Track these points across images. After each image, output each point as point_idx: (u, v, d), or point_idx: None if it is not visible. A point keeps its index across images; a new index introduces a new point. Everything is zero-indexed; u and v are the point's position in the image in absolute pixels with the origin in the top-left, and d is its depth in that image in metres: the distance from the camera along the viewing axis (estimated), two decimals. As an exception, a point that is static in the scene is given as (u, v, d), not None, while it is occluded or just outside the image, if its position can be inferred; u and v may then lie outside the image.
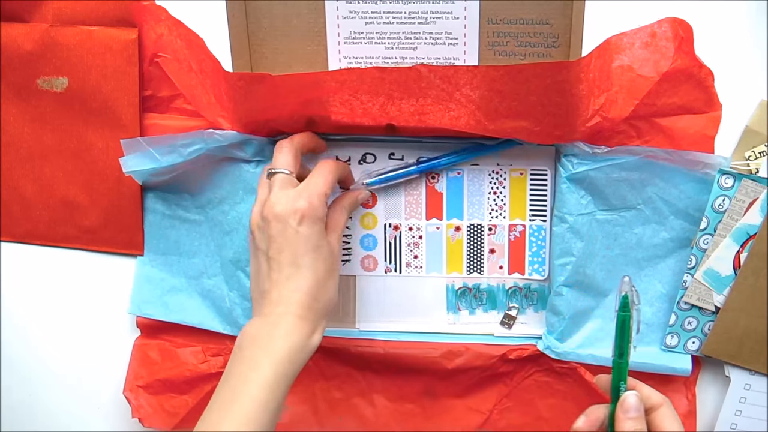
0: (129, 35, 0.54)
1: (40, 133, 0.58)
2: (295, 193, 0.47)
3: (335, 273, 0.49)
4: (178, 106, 0.56)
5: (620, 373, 0.46)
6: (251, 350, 0.45)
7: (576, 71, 0.47)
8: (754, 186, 0.51)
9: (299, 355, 0.46)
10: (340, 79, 0.49)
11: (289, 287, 0.46)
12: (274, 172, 0.49)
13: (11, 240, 0.62)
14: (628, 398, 0.45)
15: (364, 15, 0.52)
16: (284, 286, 0.46)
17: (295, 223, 0.46)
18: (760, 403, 0.56)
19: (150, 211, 0.59)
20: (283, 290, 0.46)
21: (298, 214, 0.46)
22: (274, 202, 0.47)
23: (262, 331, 0.46)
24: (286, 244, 0.46)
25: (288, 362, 0.45)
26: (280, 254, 0.46)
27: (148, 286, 0.61)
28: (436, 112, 0.50)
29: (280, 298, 0.46)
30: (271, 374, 0.44)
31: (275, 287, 0.47)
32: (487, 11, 0.51)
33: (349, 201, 0.53)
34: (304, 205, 0.46)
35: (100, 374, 0.64)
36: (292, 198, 0.47)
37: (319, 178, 0.48)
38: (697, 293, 0.54)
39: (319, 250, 0.47)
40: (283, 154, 0.50)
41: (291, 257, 0.46)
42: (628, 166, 0.52)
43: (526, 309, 0.59)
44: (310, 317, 0.47)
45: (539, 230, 0.57)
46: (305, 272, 0.46)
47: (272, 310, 0.46)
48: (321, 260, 0.47)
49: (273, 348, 0.45)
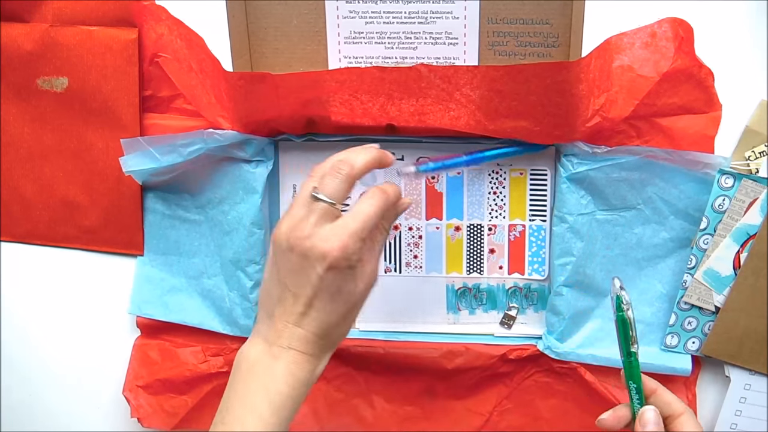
0: (129, 35, 0.54)
1: (40, 133, 0.58)
2: (330, 232, 0.42)
3: (354, 312, 0.45)
4: (178, 106, 0.56)
5: (630, 372, 0.45)
6: (249, 382, 0.43)
7: (576, 71, 0.47)
8: (754, 186, 0.51)
9: (301, 389, 0.43)
10: (340, 78, 0.49)
11: (297, 322, 0.43)
12: (317, 198, 0.43)
13: (11, 240, 0.62)
14: (646, 413, 0.45)
15: (364, 15, 0.52)
16: (293, 320, 0.43)
17: (321, 269, 0.42)
18: (760, 403, 0.56)
19: (150, 211, 0.59)
20: (289, 323, 0.43)
21: (327, 262, 0.42)
22: (305, 235, 0.42)
23: (261, 362, 0.43)
24: (306, 284, 0.42)
25: (288, 399, 0.43)
26: (297, 289, 0.43)
27: (148, 286, 0.61)
28: (436, 112, 0.50)
29: (284, 329, 0.43)
30: (268, 414, 0.42)
31: (283, 317, 0.44)
32: (487, 11, 0.51)
33: (382, 235, 0.47)
34: (334, 252, 0.41)
35: (100, 374, 0.64)
36: (326, 238, 0.42)
37: (360, 216, 0.43)
38: (697, 293, 0.54)
39: (339, 295, 0.43)
40: (337, 180, 0.44)
41: (306, 298, 0.43)
42: (628, 166, 0.52)
43: (526, 309, 0.59)
44: (315, 353, 0.44)
45: (539, 230, 0.57)
46: (318, 315, 0.43)
47: (275, 339, 0.43)
48: (339, 304, 0.43)
49: (272, 386, 0.43)
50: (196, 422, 0.62)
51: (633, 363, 0.45)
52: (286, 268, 0.43)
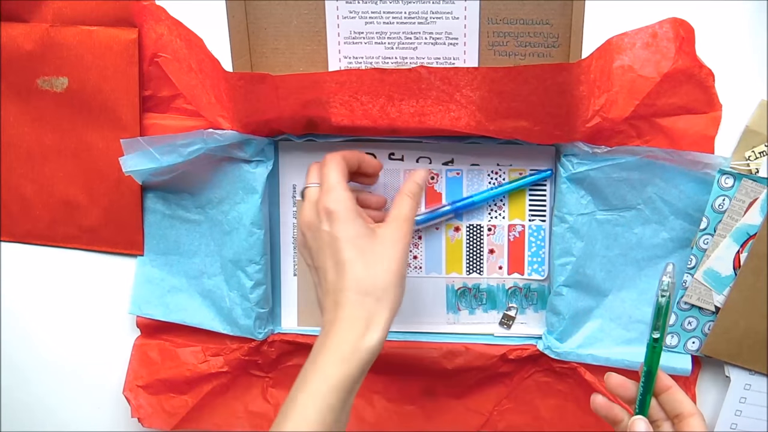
0: (129, 35, 0.54)
1: (40, 133, 0.58)
2: (314, 197, 0.47)
3: (390, 261, 0.45)
4: (178, 106, 0.56)
5: (654, 357, 0.46)
6: (305, 366, 0.44)
7: (576, 72, 0.47)
8: (754, 186, 0.51)
9: (351, 361, 0.43)
10: (340, 80, 0.49)
11: (336, 289, 0.44)
12: (303, 189, 0.49)
13: (11, 240, 0.62)
14: (637, 422, 0.46)
15: (364, 15, 0.52)
16: (332, 290, 0.45)
17: (325, 223, 0.45)
18: (760, 403, 0.56)
19: (150, 211, 0.59)
20: (331, 295, 0.45)
21: (323, 214, 0.45)
22: (304, 214, 0.47)
23: (316, 345, 0.45)
24: (324, 248, 0.45)
25: (337, 374, 0.42)
26: (323, 260, 0.46)
27: (148, 286, 0.61)
28: (436, 113, 0.50)
29: (329, 304, 0.45)
30: (318, 391, 0.42)
31: (327, 295, 0.45)
32: (487, 11, 0.51)
33: (410, 188, 0.49)
34: (326, 203, 0.45)
35: (100, 374, 0.64)
36: (313, 202, 0.47)
37: (327, 174, 0.47)
38: (697, 293, 0.54)
39: (359, 239, 0.45)
40: (310, 172, 0.50)
41: (332, 259, 0.45)
42: (628, 166, 0.52)
43: (525, 309, 0.59)
44: (358, 315, 0.44)
45: (538, 230, 0.57)
46: (347, 268, 0.44)
47: (327, 318, 0.45)
48: (362, 251, 0.44)
49: (321, 363, 0.43)
50: (196, 422, 0.62)
51: (649, 347, 0.46)
52: (308, 254, 0.48)
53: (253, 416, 0.62)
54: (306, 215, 0.47)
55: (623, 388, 0.48)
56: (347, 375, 0.42)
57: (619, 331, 0.56)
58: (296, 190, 0.58)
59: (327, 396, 0.42)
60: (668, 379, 0.47)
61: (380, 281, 0.44)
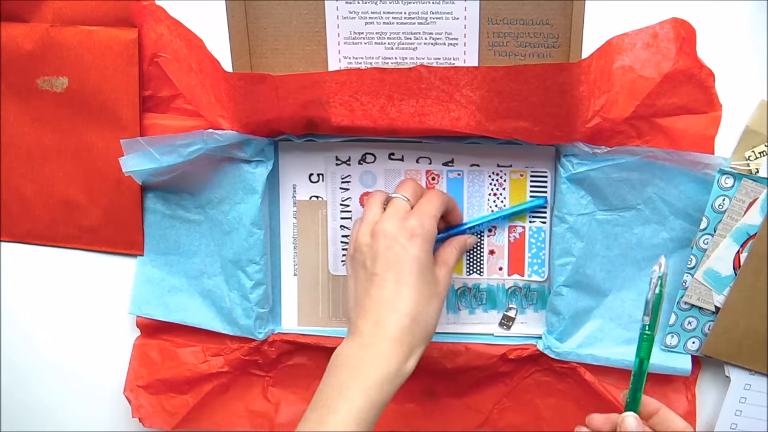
0: (129, 35, 0.54)
1: (40, 133, 0.58)
2: (405, 213, 0.48)
3: (439, 300, 0.48)
4: (178, 106, 0.56)
5: (645, 347, 0.46)
6: (342, 375, 0.44)
7: (576, 73, 0.47)
8: (754, 186, 0.51)
9: (392, 382, 0.44)
10: (340, 79, 0.49)
11: (390, 307, 0.45)
12: (392, 197, 0.50)
13: (11, 240, 0.62)
14: (627, 419, 0.45)
15: (364, 15, 0.52)
16: (385, 306, 0.45)
17: (405, 240, 0.46)
18: (760, 403, 0.56)
19: (150, 211, 0.59)
20: (382, 310, 0.45)
21: (408, 232, 0.46)
22: (385, 220, 0.48)
23: (355, 353, 0.45)
24: (394, 261, 0.46)
25: (378, 390, 0.43)
26: (386, 271, 0.46)
27: (148, 286, 0.61)
28: (436, 113, 0.50)
29: (378, 318, 0.45)
30: (360, 402, 0.43)
31: (375, 306, 0.45)
32: (487, 11, 0.51)
33: (460, 242, 0.53)
34: (414, 224, 0.47)
35: (100, 374, 0.64)
36: (403, 218, 0.48)
37: (428, 203, 0.49)
38: (697, 293, 0.54)
39: (425, 271, 0.46)
40: (406, 185, 0.51)
41: (396, 275, 0.46)
42: (628, 166, 0.52)
43: (526, 309, 0.59)
44: (407, 341, 0.45)
45: (539, 232, 0.57)
46: (409, 292, 0.45)
47: (369, 330, 0.45)
48: (425, 283, 0.46)
49: (364, 373, 0.44)
50: (196, 422, 0.62)
51: (641, 336, 0.46)
52: (371, 259, 0.47)
53: (254, 415, 0.62)
54: (387, 224, 0.47)
55: (609, 422, 0.47)
56: (385, 397, 0.44)
57: (619, 331, 0.56)
58: (296, 190, 0.58)
59: (364, 413, 0.43)
60: (655, 402, 0.47)
61: (431, 317, 0.47)
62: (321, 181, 0.58)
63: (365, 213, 0.50)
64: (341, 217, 0.58)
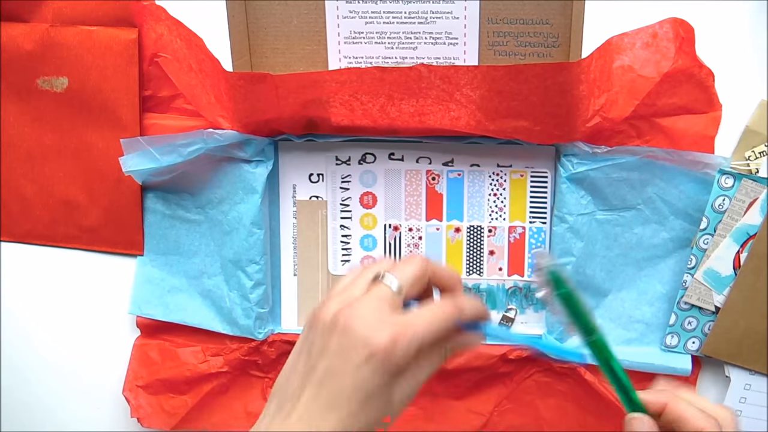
0: (129, 35, 0.54)
1: (40, 133, 0.58)
2: (383, 317, 0.35)
3: (383, 422, 0.36)
4: (178, 106, 0.56)
5: (601, 351, 0.37)
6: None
7: (576, 72, 0.47)
8: (754, 186, 0.51)
9: None
10: (340, 79, 0.49)
11: (312, 421, 0.35)
12: (385, 277, 0.37)
13: (11, 240, 0.62)
14: (632, 422, 0.38)
15: (364, 15, 0.52)
16: (309, 416, 0.35)
17: (360, 357, 0.34)
18: (760, 403, 0.56)
19: (150, 211, 0.59)
20: (304, 417, 0.35)
21: (368, 350, 0.34)
22: (355, 314, 0.35)
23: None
24: (337, 373, 0.35)
25: None
26: (324, 377, 0.35)
27: (148, 286, 0.61)
28: (436, 113, 0.50)
29: (299, 422, 0.35)
30: None
31: (298, 410, 0.35)
32: (487, 11, 0.51)
33: (454, 343, 0.39)
34: (382, 342, 0.34)
35: (100, 374, 0.64)
36: (377, 324, 0.35)
37: (423, 318, 0.36)
38: (697, 293, 0.54)
39: (370, 400, 0.35)
40: (408, 267, 0.38)
41: (333, 391, 0.35)
42: (628, 166, 0.52)
43: (526, 309, 0.59)
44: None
45: (539, 232, 0.57)
46: (337, 419, 0.35)
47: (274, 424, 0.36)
48: (366, 412, 0.35)
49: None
50: (196, 422, 0.62)
51: (598, 342, 0.37)
52: (318, 350, 0.36)
53: (253, 416, 0.62)
54: (357, 319, 0.35)
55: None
56: None
57: (619, 331, 0.56)
58: (296, 190, 0.58)
59: None
60: (659, 396, 0.39)
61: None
62: (321, 181, 0.58)
63: (350, 281, 0.38)
64: (341, 217, 0.58)
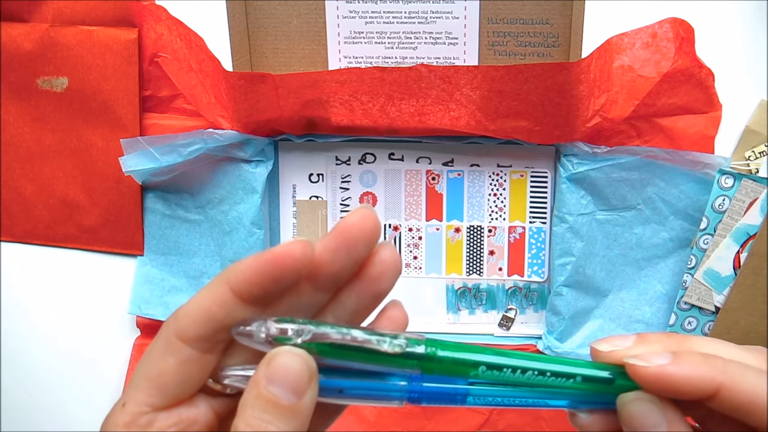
0: (129, 35, 0.54)
1: (40, 133, 0.58)
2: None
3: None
4: (178, 106, 0.56)
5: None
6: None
7: (576, 72, 0.47)
8: (754, 186, 0.51)
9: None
10: (340, 79, 0.49)
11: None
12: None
13: (11, 240, 0.62)
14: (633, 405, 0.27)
15: (364, 15, 0.52)
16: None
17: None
18: (760, 403, 0.56)
19: (150, 211, 0.59)
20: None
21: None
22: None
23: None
24: None
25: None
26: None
27: (148, 286, 0.61)
28: (436, 113, 0.50)
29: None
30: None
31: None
32: (487, 11, 0.51)
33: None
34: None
35: (100, 374, 0.64)
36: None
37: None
38: (697, 293, 0.54)
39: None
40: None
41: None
42: (628, 166, 0.52)
43: (525, 309, 0.59)
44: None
45: (539, 232, 0.57)
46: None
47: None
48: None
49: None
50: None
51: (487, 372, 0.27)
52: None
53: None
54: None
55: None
56: None
57: (618, 331, 0.56)
58: (296, 190, 0.58)
59: None
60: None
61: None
62: (321, 181, 0.58)
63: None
64: (341, 217, 0.58)
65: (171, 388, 0.26)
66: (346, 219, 0.26)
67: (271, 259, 0.25)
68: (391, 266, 0.27)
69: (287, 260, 0.25)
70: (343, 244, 0.26)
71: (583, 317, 0.56)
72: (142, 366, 0.26)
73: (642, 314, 0.56)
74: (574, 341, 0.56)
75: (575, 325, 0.56)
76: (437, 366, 0.26)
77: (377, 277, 0.27)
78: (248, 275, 0.25)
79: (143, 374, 0.26)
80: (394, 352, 0.26)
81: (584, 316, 0.56)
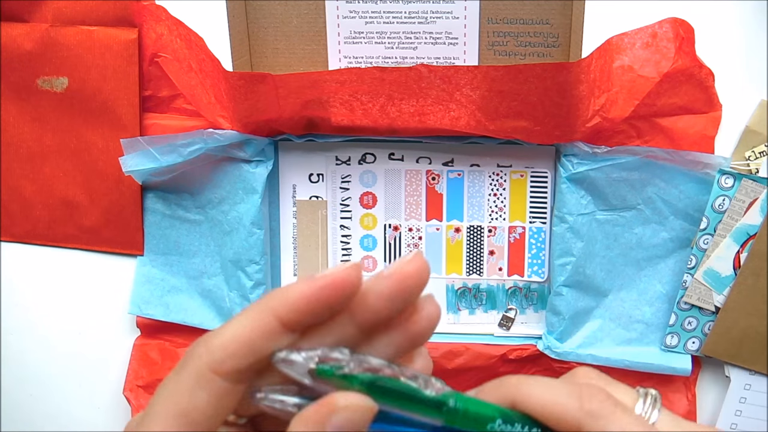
0: (129, 35, 0.54)
1: (40, 133, 0.58)
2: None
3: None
4: (178, 106, 0.56)
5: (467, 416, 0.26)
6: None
7: (576, 72, 0.47)
8: (754, 186, 0.51)
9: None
10: (340, 79, 0.49)
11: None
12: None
13: (11, 240, 0.62)
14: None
15: (364, 15, 0.52)
16: None
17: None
18: (760, 403, 0.56)
19: (150, 211, 0.59)
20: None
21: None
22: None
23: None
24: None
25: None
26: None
27: (148, 286, 0.61)
28: (436, 113, 0.50)
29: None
30: None
31: None
32: (487, 11, 0.51)
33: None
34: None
35: (100, 374, 0.64)
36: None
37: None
38: (697, 293, 0.54)
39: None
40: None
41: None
42: (628, 166, 0.52)
43: (525, 309, 0.59)
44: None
45: (539, 232, 0.57)
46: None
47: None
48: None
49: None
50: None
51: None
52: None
53: (253, 416, 0.62)
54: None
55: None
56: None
57: (618, 331, 0.56)
58: (296, 190, 0.58)
59: None
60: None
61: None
62: (321, 181, 0.58)
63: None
64: (341, 217, 0.58)
65: (202, 424, 0.24)
66: (405, 267, 0.25)
67: (329, 285, 0.24)
68: (435, 323, 0.27)
69: (346, 287, 0.24)
70: (399, 295, 0.25)
71: (583, 317, 0.56)
72: (166, 401, 0.24)
73: (642, 314, 0.56)
74: (574, 341, 0.56)
75: (575, 325, 0.56)
76: (460, 420, 0.26)
77: (420, 332, 0.26)
78: (300, 304, 0.24)
79: (171, 411, 0.24)
80: (431, 398, 0.25)
81: (584, 316, 0.56)
